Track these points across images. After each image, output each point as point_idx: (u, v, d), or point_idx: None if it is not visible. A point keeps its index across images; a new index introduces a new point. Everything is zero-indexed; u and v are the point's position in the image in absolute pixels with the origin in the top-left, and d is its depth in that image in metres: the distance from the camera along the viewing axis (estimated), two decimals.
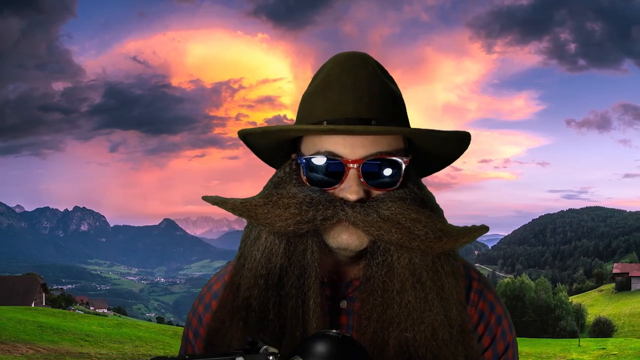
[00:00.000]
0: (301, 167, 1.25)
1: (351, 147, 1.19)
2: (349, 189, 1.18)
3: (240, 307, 1.23)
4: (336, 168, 1.20)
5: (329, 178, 1.21)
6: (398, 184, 1.23)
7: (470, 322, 1.30)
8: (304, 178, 1.24)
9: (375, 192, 1.21)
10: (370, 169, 1.20)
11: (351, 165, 1.18)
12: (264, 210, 1.20)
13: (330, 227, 1.20)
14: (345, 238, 1.20)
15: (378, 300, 1.20)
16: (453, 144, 1.29)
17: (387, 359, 1.17)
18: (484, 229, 1.22)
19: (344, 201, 1.18)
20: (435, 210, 1.25)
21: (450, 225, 1.22)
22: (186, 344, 1.47)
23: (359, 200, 1.18)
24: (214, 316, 1.30)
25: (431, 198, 1.27)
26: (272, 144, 1.32)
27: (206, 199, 1.25)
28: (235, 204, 1.23)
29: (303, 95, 1.31)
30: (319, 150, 1.21)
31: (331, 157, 1.19)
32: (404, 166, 1.23)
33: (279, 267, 1.22)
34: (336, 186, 1.20)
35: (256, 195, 1.27)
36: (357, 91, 1.21)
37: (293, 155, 1.30)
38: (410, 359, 1.17)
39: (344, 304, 1.30)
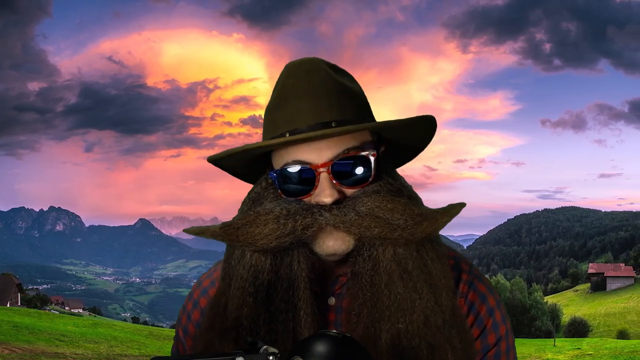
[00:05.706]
0: (274, 181, 1.25)
1: (317, 152, 1.19)
2: (323, 193, 1.18)
3: (230, 328, 1.23)
4: (307, 175, 1.20)
5: (302, 186, 1.21)
6: (371, 178, 1.22)
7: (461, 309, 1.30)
8: (279, 191, 1.24)
9: (350, 191, 1.21)
10: (340, 169, 1.20)
11: (321, 169, 1.19)
12: (243, 231, 1.20)
13: (314, 235, 1.20)
14: (331, 244, 1.21)
15: (367, 296, 1.19)
16: (419, 129, 1.29)
17: (380, 354, 1.17)
18: (461, 205, 1.22)
19: (321, 206, 1.19)
20: (412, 198, 1.25)
21: (428, 208, 1.22)
22: (177, 341, 1.49)
23: (336, 202, 1.19)
24: (202, 338, 1.30)
25: (407, 187, 1.27)
26: (243, 164, 1.33)
27: (187, 231, 1.25)
28: (215, 231, 1.23)
29: (265, 111, 1.31)
30: (287, 162, 1.21)
31: (300, 165, 1.20)
32: (373, 160, 1.22)
33: (267, 283, 1.22)
34: (311, 193, 1.21)
35: (235, 216, 1.28)
36: (314, 96, 1.21)
37: (268, 170, 1.30)
38: (404, 350, 1.17)
39: (331, 300, 1.30)
